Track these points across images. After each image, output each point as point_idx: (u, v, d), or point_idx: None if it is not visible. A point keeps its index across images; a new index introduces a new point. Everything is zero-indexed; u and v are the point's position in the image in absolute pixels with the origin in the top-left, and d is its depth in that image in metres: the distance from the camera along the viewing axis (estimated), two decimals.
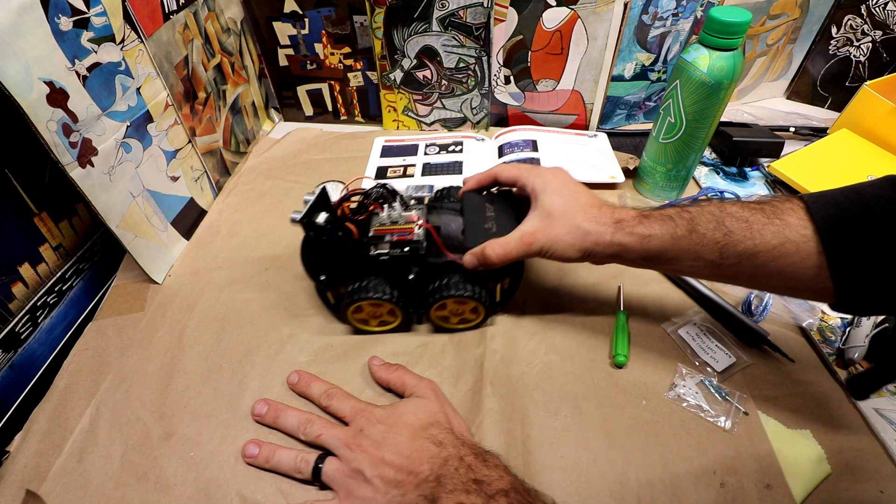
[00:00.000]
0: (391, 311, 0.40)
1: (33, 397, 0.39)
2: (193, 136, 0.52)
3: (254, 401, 0.37)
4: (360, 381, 0.39)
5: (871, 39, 0.62)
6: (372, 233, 0.38)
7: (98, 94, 0.39)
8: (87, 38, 0.37)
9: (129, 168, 0.43)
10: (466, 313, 0.40)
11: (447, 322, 0.41)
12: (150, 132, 0.45)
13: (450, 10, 0.56)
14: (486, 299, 0.38)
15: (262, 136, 0.68)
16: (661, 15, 0.57)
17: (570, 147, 0.61)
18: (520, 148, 0.60)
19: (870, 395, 0.37)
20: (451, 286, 0.37)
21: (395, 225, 0.38)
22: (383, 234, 0.38)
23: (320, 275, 0.38)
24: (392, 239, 0.37)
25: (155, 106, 0.45)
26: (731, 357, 0.39)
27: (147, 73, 0.44)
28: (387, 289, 0.38)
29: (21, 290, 0.40)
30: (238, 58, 0.61)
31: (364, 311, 0.40)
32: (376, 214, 0.39)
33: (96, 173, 0.39)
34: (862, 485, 0.32)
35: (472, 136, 0.65)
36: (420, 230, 0.38)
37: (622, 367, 0.39)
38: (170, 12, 0.47)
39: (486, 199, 0.41)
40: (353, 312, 0.39)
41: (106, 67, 0.39)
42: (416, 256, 0.37)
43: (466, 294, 0.37)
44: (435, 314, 0.40)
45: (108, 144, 0.40)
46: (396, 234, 0.37)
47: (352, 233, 0.37)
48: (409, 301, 0.39)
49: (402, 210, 0.39)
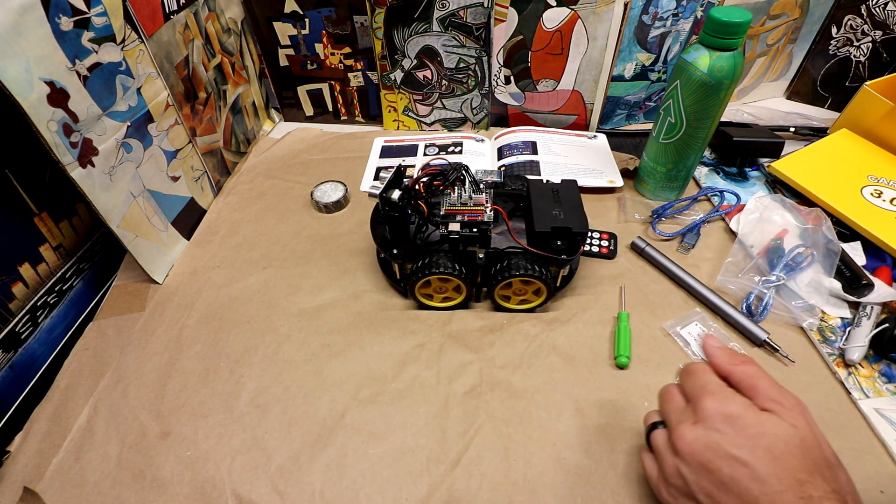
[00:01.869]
0: (457, 287, 0.42)
1: (34, 397, 0.39)
2: (194, 136, 0.52)
3: (250, 400, 0.37)
4: (356, 381, 0.39)
5: (871, 39, 0.62)
6: (443, 212, 0.40)
7: (99, 94, 0.39)
8: (87, 38, 0.37)
9: (129, 168, 0.43)
10: (529, 294, 0.42)
11: (508, 301, 0.43)
12: (150, 132, 0.45)
13: (450, 10, 0.56)
14: (550, 281, 0.40)
15: (262, 136, 0.68)
16: (661, 15, 0.57)
17: (570, 149, 0.61)
18: (519, 150, 0.60)
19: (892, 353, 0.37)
20: (521, 266, 0.39)
21: (465, 206, 0.40)
22: (454, 214, 0.40)
23: (392, 249, 0.40)
24: (463, 219, 0.40)
25: (155, 106, 0.45)
26: None
27: (148, 74, 0.44)
28: (456, 265, 0.40)
29: (21, 290, 0.40)
30: (238, 58, 0.61)
31: (431, 287, 0.42)
32: (448, 195, 0.41)
33: (97, 173, 0.39)
34: (862, 485, 0.32)
35: (471, 136, 0.65)
36: (490, 212, 0.40)
37: (624, 369, 0.39)
38: (170, 12, 0.47)
39: (549, 186, 0.44)
40: (420, 287, 0.42)
41: (107, 67, 0.39)
42: (484, 237, 0.40)
43: (534, 274, 0.39)
44: (499, 293, 0.42)
45: (108, 144, 0.40)
46: (467, 214, 0.40)
47: (422, 211, 0.40)
48: (473, 279, 0.41)
49: (473, 192, 0.41)
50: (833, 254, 0.44)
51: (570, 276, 0.45)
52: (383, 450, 0.35)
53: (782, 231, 0.47)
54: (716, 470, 0.23)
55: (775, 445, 0.23)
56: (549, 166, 0.57)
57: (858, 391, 0.37)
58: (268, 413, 0.37)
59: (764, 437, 0.23)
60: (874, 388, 0.37)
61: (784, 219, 0.48)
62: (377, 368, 0.40)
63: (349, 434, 0.36)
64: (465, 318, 0.43)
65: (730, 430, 0.24)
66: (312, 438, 0.36)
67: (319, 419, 0.37)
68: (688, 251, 0.49)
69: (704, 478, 0.23)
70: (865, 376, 0.38)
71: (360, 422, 0.36)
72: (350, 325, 0.43)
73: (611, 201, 0.55)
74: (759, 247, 0.47)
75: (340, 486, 0.33)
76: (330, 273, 0.48)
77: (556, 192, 0.43)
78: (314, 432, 0.36)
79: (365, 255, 0.49)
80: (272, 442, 0.35)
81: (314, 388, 0.39)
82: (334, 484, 0.33)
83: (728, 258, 0.46)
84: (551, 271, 0.40)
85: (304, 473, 0.34)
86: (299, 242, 0.51)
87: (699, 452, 0.24)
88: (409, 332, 0.42)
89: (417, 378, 0.39)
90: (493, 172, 0.42)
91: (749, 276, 0.45)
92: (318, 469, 0.34)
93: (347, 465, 0.34)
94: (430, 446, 0.35)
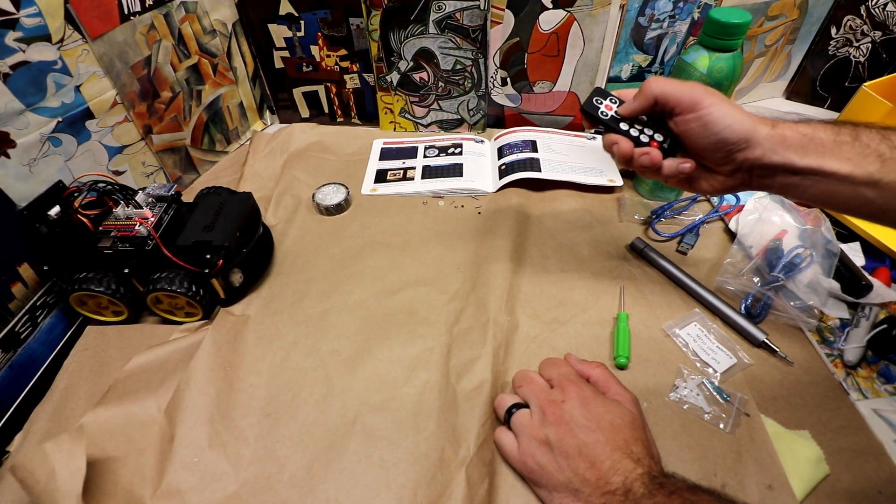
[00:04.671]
0: (111, 301, 0.42)
1: (33, 397, 0.39)
2: (148, 134, 0.52)
3: (260, 409, 0.37)
4: (367, 386, 0.38)
5: (870, 40, 0.62)
6: (101, 227, 0.42)
7: (22, 90, 0.40)
8: (12, 38, 0.38)
9: (56, 161, 0.44)
10: (186, 307, 0.43)
11: (172, 315, 0.44)
12: (88, 128, 0.46)
13: (446, 12, 0.57)
14: (201, 297, 0.41)
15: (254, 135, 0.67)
16: (657, 17, 0.57)
17: (570, 148, 0.61)
18: (519, 149, 0.60)
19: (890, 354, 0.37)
20: (164, 280, 0.40)
21: (120, 221, 0.42)
22: (110, 230, 0.42)
23: (44, 265, 0.40)
24: (116, 234, 0.41)
25: (98, 103, 0.46)
26: (732, 358, 0.39)
27: (91, 72, 0.45)
28: (111, 282, 0.40)
29: (21, 290, 0.40)
30: (224, 59, 0.61)
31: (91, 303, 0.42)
32: (111, 211, 0.43)
33: (12, 164, 0.40)
34: (861, 485, 0.32)
35: (471, 137, 0.65)
36: (142, 227, 0.41)
37: (624, 369, 0.39)
38: (130, 13, 0.48)
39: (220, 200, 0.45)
40: (78, 304, 0.42)
41: (36, 66, 0.41)
42: (140, 251, 0.40)
43: (178, 290, 0.40)
44: (153, 305, 0.43)
45: (30, 138, 0.41)
46: (122, 229, 0.41)
47: (85, 226, 0.41)
48: (134, 293, 0.42)
49: (135, 208, 0.43)
50: (832, 254, 0.44)
51: (240, 288, 0.45)
52: (397, 455, 0.34)
53: (781, 232, 0.47)
54: (575, 436, 0.30)
55: (615, 421, 0.31)
56: (549, 163, 0.57)
57: (857, 392, 0.37)
58: (278, 422, 0.36)
59: (608, 415, 0.31)
60: (872, 389, 0.37)
61: (783, 219, 0.48)
62: (387, 373, 0.39)
63: (362, 440, 0.35)
64: (469, 318, 0.43)
65: (587, 409, 0.32)
66: (325, 445, 0.35)
67: (331, 426, 0.36)
68: (687, 252, 0.49)
69: (568, 442, 0.30)
70: (864, 377, 0.38)
71: (373, 427, 0.36)
72: (357, 330, 0.43)
73: (610, 201, 0.55)
74: (758, 247, 0.46)
75: (355, 493, 0.33)
76: None
77: (222, 206, 0.45)
78: (326, 439, 0.35)
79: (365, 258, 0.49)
80: (283, 451, 0.35)
81: (324, 396, 0.38)
82: (349, 491, 0.33)
83: (727, 259, 0.46)
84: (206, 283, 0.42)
85: (318, 481, 0.33)
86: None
87: (567, 422, 0.31)
88: (417, 335, 0.42)
89: (428, 382, 0.39)
90: (165, 187, 0.44)
91: (748, 277, 0.44)
92: (331, 477, 0.33)
93: (361, 471, 0.34)
94: (442, 447, 0.35)
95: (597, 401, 0.32)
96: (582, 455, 0.30)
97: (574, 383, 0.34)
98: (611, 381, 0.35)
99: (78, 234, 0.41)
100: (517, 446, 0.32)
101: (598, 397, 0.33)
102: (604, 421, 0.31)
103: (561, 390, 0.33)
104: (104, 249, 0.40)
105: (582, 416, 0.31)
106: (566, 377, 0.34)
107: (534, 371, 0.37)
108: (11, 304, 0.39)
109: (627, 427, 0.31)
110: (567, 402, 0.32)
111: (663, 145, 0.35)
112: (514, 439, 0.33)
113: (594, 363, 0.37)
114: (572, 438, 0.30)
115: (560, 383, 0.34)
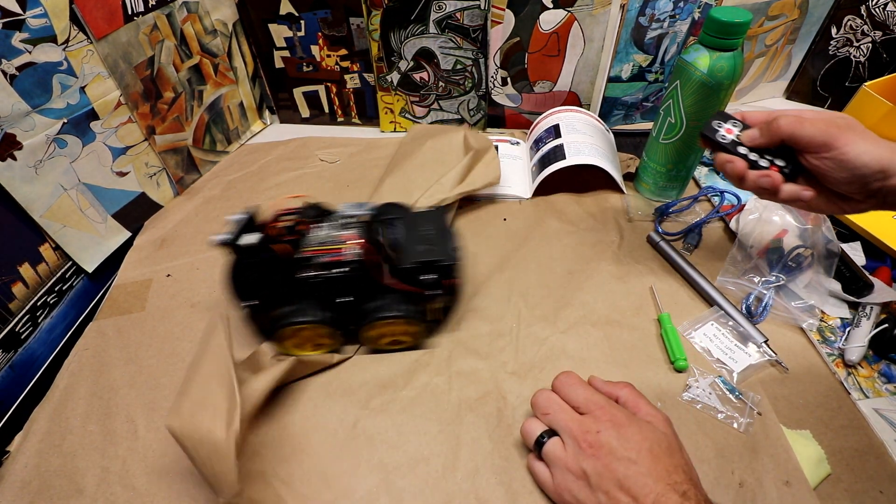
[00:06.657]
0: (329, 333, 0.38)
1: (33, 397, 0.39)
2: (151, 135, 0.52)
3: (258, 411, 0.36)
4: (367, 390, 0.38)
5: (870, 40, 0.62)
6: (300, 254, 0.35)
7: (29, 92, 0.40)
8: (18, 39, 0.38)
9: (61, 162, 0.44)
10: (399, 335, 0.39)
11: (378, 343, 0.40)
12: (93, 129, 0.46)
13: (447, 12, 0.57)
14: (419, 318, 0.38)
15: (254, 135, 0.67)
16: (657, 17, 0.57)
17: (592, 129, 0.57)
18: (544, 141, 0.57)
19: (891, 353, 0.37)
20: (382, 308, 0.36)
21: (323, 246, 0.36)
22: (311, 256, 0.35)
23: (251, 300, 0.36)
24: (321, 261, 0.35)
25: (102, 104, 0.46)
26: (749, 356, 0.39)
27: (96, 73, 0.45)
28: (317, 312, 0.36)
29: (21, 290, 0.40)
30: (225, 59, 0.61)
31: (298, 336, 0.38)
32: (305, 235, 0.36)
33: (18, 166, 0.40)
34: (862, 485, 0.32)
35: (506, 139, 0.63)
36: (350, 251, 0.35)
37: (684, 371, 0.38)
38: (134, 14, 0.48)
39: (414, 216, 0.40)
40: (287, 338, 0.38)
41: (42, 67, 0.40)
42: (348, 278, 0.35)
43: (398, 315, 0.36)
44: (366, 335, 0.39)
45: (36, 140, 0.41)
46: (327, 255, 0.35)
47: (282, 254, 0.35)
48: (346, 322, 0.38)
49: (334, 230, 0.37)
50: (833, 254, 0.44)
51: (444, 310, 0.41)
52: (398, 459, 0.34)
53: (782, 231, 0.47)
54: (614, 469, 0.28)
55: (654, 449, 0.29)
56: (574, 146, 0.54)
57: (858, 391, 0.37)
58: (276, 424, 0.36)
59: (646, 442, 0.29)
60: (873, 389, 0.37)
61: (783, 219, 0.48)
62: (387, 376, 0.39)
63: (361, 444, 0.35)
64: (471, 323, 0.43)
65: (623, 437, 0.30)
66: (324, 450, 0.35)
67: (330, 430, 0.36)
68: (690, 251, 0.49)
69: (606, 476, 0.28)
70: (865, 376, 0.38)
71: (373, 431, 0.36)
72: None
73: (615, 199, 0.55)
74: (759, 247, 0.46)
75: (355, 497, 0.32)
76: None
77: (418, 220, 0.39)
78: (326, 443, 0.35)
79: None
80: (282, 454, 0.35)
81: (323, 399, 0.38)
82: (348, 496, 0.32)
83: (728, 259, 0.46)
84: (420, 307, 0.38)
85: (317, 486, 0.33)
86: None
87: (604, 454, 0.29)
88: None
89: (428, 385, 0.38)
90: (361, 205, 0.38)
91: (749, 277, 0.44)
92: (331, 481, 0.33)
93: (361, 475, 0.33)
94: (445, 454, 0.34)
95: (632, 427, 0.30)
96: (623, 489, 0.28)
97: (604, 409, 0.31)
98: (640, 402, 0.33)
99: (279, 263, 0.35)
100: (551, 478, 0.31)
101: (632, 423, 0.30)
102: (643, 449, 0.29)
103: (594, 419, 0.31)
104: (309, 279, 0.35)
105: (620, 445, 0.29)
106: (595, 403, 0.32)
107: (548, 389, 0.34)
108: (12, 304, 0.39)
109: (665, 454, 0.29)
110: (602, 432, 0.30)
111: (784, 170, 0.34)
112: (548, 471, 0.31)
113: (621, 383, 0.34)
114: (611, 472, 0.28)
115: (590, 410, 0.32)
